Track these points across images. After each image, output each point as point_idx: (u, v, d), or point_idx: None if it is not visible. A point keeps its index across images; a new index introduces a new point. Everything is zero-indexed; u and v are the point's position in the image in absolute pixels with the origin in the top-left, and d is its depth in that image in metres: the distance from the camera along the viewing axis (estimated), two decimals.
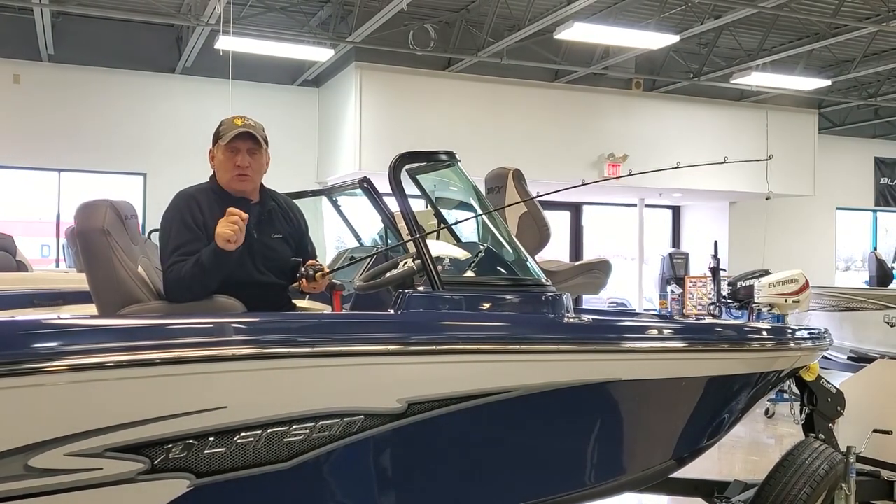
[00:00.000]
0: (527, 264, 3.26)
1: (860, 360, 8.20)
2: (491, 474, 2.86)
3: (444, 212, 4.09)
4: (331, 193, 4.65)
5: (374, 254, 3.99)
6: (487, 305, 2.92)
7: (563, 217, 15.83)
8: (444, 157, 3.37)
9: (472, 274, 3.21)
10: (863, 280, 17.00)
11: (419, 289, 2.88)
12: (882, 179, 17.83)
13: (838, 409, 3.98)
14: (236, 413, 2.35)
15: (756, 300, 8.77)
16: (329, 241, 5.13)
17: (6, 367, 2.13)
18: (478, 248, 3.39)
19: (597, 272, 4.82)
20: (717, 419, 3.53)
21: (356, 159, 11.71)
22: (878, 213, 18.22)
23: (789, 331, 3.85)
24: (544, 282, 3.14)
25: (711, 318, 9.31)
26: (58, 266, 11.37)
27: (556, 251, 14.03)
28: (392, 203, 3.30)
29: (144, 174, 12.45)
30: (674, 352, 3.20)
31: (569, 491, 3.04)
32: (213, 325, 2.43)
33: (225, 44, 10.03)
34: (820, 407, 3.97)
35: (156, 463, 2.26)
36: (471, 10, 11.48)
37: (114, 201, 2.99)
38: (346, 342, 2.53)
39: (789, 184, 14.63)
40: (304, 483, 2.50)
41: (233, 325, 2.44)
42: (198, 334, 2.37)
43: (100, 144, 12.14)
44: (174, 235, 2.97)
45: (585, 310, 4.80)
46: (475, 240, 3.73)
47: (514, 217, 4.67)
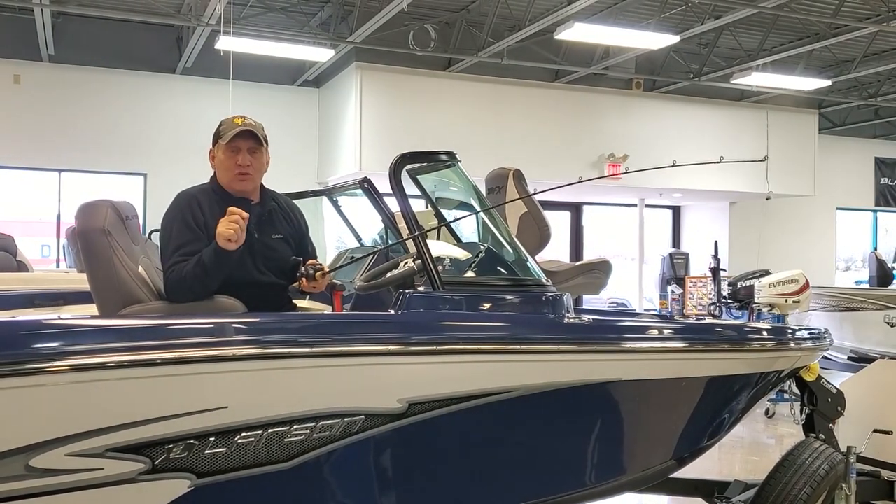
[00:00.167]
0: (527, 264, 3.26)
1: (860, 361, 8.20)
2: (491, 474, 2.86)
3: (444, 212, 4.09)
4: (331, 193, 4.65)
5: (374, 252, 4.00)
6: (488, 305, 2.93)
7: (563, 217, 15.83)
8: (444, 157, 3.37)
9: (473, 274, 3.21)
10: (862, 278, 17.03)
11: (420, 289, 2.88)
12: (882, 179, 17.83)
13: (838, 409, 3.98)
14: (237, 413, 2.35)
15: (756, 300, 8.77)
16: (329, 241, 5.13)
17: (7, 368, 2.14)
18: (478, 249, 3.40)
19: (597, 272, 4.82)
20: (718, 419, 3.53)
21: (356, 159, 11.71)
22: (879, 214, 18.22)
23: (789, 331, 3.85)
24: (545, 282, 3.15)
25: (712, 319, 9.31)
26: (58, 266, 11.37)
27: (556, 251, 14.03)
28: (392, 203, 3.30)
29: (145, 174, 12.45)
30: (674, 352, 3.20)
31: (569, 491, 3.04)
32: (213, 326, 2.43)
33: (225, 44, 10.03)
34: (820, 407, 3.97)
35: (157, 463, 2.27)
36: (471, 11, 11.48)
37: (114, 202, 3.00)
38: (347, 342, 2.53)
39: (789, 184, 14.63)
40: (304, 483, 2.50)
41: (233, 326, 2.44)
42: (198, 334, 2.37)
43: (100, 144, 12.13)
44: (175, 235, 2.97)
45: (585, 310, 4.80)
46: (475, 240, 3.74)
47: (515, 217, 4.67)
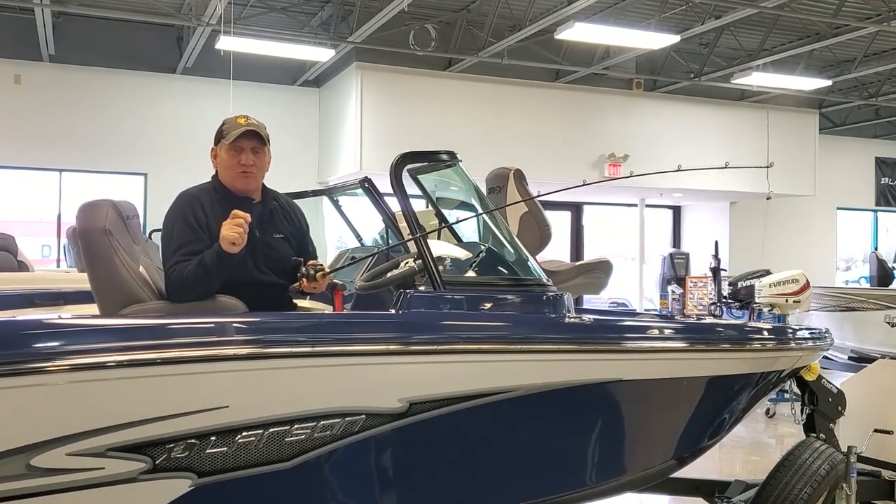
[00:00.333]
0: (528, 264, 3.26)
1: (861, 360, 8.19)
2: (492, 474, 2.86)
3: (445, 212, 4.09)
4: (332, 193, 4.66)
5: (375, 253, 4.00)
6: (488, 305, 2.93)
7: (563, 217, 15.83)
8: (445, 157, 3.37)
9: (474, 274, 3.21)
10: (861, 275, 17.06)
11: (420, 288, 2.88)
12: (883, 179, 17.83)
13: (839, 409, 3.98)
14: (238, 413, 2.35)
15: (757, 300, 8.77)
16: (330, 241, 5.13)
17: (8, 367, 2.14)
18: (479, 248, 3.40)
19: (598, 272, 4.82)
20: (718, 419, 3.53)
21: (357, 159, 11.71)
22: (879, 213, 18.22)
23: (790, 331, 3.85)
24: (545, 282, 3.15)
25: (712, 319, 9.31)
26: (58, 266, 11.37)
27: (556, 251, 14.03)
28: (393, 203, 3.30)
29: (145, 174, 12.45)
30: (675, 352, 3.20)
31: (570, 491, 3.04)
32: (214, 325, 2.43)
33: (226, 44, 10.03)
34: (821, 407, 3.96)
35: (157, 462, 2.27)
36: (471, 11, 11.48)
37: (115, 201, 3.00)
38: (348, 342, 2.53)
39: (790, 184, 14.63)
40: (305, 483, 2.50)
41: (234, 325, 2.44)
42: (199, 334, 2.37)
43: (100, 144, 12.13)
44: (176, 235, 2.98)
45: (586, 310, 4.80)
46: (476, 240, 3.74)
47: (515, 217, 4.67)
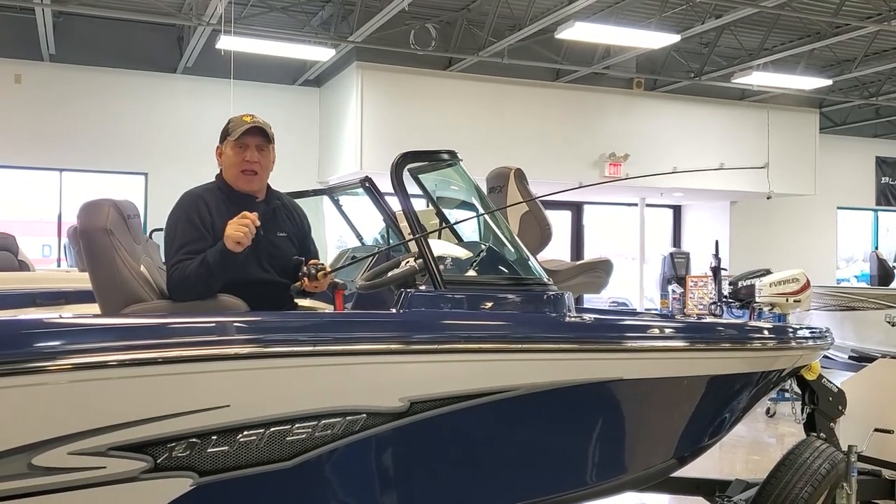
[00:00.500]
0: (528, 263, 3.26)
1: (861, 360, 8.19)
2: (493, 473, 2.87)
3: (445, 211, 4.09)
4: (333, 193, 4.66)
5: (376, 253, 4.00)
6: (489, 304, 2.93)
7: (564, 217, 15.84)
8: (445, 156, 3.37)
9: (474, 273, 3.21)
10: (859, 271, 17.06)
11: (421, 288, 2.89)
12: (883, 179, 17.83)
13: (839, 408, 3.98)
14: (239, 412, 2.35)
15: (757, 300, 8.78)
16: (331, 240, 5.13)
17: (9, 367, 2.14)
18: (479, 248, 3.40)
19: (598, 271, 4.81)
20: (719, 418, 3.53)
21: (357, 159, 11.71)
22: (880, 213, 18.22)
23: (790, 330, 3.85)
24: (546, 281, 3.15)
25: (712, 318, 9.31)
26: (59, 266, 11.37)
27: (557, 251, 14.03)
28: (394, 202, 3.31)
29: (146, 174, 12.46)
30: (675, 351, 3.20)
31: (570, 490, 3.04)
32: (215, 325, 2.44)
33: (226, 43, 10.04)
34: (821, 406, 3.96)
35: (159, 462, 2.27)
36: (472, 10, 11.48)
37: (116, 201, 3.00)
38: (349, 341, 2.53)
39: (790, 183, 14.63)
40: (306, 482, 2.50)
41: (235, 324, 2.45)
42: (200, 333, 2.37)
43: (101, 144, 12.14)
44: (180, 234, 2.98)
45: (586, 309, 4.80)
46: (477, 239, 3.74)
47: (516, 216, 4.67)
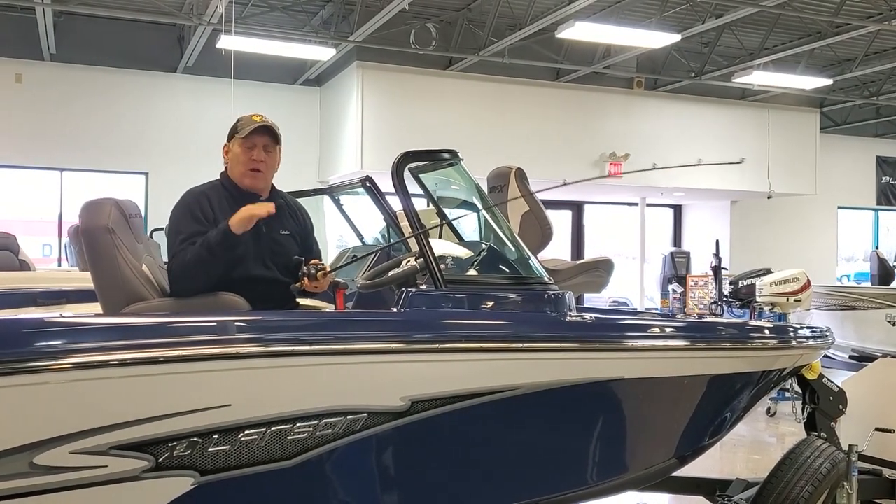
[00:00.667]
0: (529, 263, 3.27)
1: (862, 359, 8.19)
2: (493, 472, 2.87)
3: (446, 210, 4.09)
4: (333, 192, 4.66)
5: (377, 251, 4.00)
6: (490, 304, 2.93)
7: (564, 216, 15.83)
8: (446, 155, 3.37)
9: (475, 272, 3.21)
10: (858, 270, 17.06)
11: (422, 287, 2.89)
12: (884, 178, 17.82)
13: (840, 407, 3.98)
14: (240, 411, 2.35)
15: (758, 299, 8.78)
16: (331, 240, 5.14)
17: (11, 366, 2.14)
18: (480, 247, 3.40)
19: (599, 271, 4.81)
20: (719, 418, 3.53)
21: (357, 159, 11.71)
22: (880, 212, 18.21)
23: (791, 329, 3.85)
24: (547, 280, 3.15)
25: (713, 317, 9.31)
26: (59, 265, 11.37)
27: (557, 250, 14.02)
28: (395, 202, 3.31)
29: (146, 173, 12.45)
30: (676, 350, 3.20)
31: (571, 489, 3.05)
32: (216, 324, 2.44)
33: (227, 43, 10.04)
34: (822, 405, 3.97)
35: (160, 461, 2.27)
36: (472, 10, 11.48)
37: (118, 200, 3.01)
38: (350, 340, 2.53)
39: (791, 183, 14.63)
40: (307, 481, 2.50)
41: (236, 324, 2.45)
42: (202, 332, 2.37)
43: (102, 144, 12.14)
44: (182, 227, 3.01)
45: (587, 308, 4.80)
46: (478, 238, 3.74)
47: (517, 216, 4.66)
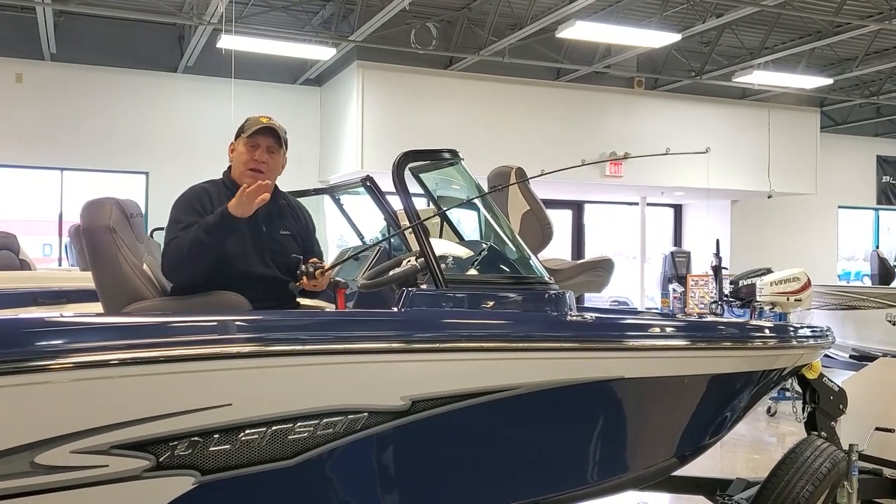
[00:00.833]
0: (530, 262, 3.27)
1: (862, 359, 8.19)
2: (494, 472, 2.87)
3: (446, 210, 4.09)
4: (334, 192, 4.66)
5: (373, 245, 4.00)
6: (490, 303, 2.93)
7: (565, 215, 15.83)
8: (447, 155, 3.37)
9: (475, 272, 3.21)
10: (858, 270, 17.08)
11: (422, 287, 2.89)
12: (884, 178, 17.81)
13: (840, 407, 3.98)
14: (241, 410, 2.35)
15: (758, 298, 8.77)
16: (332, 239, 5.14)
17: (12, 366, 2.14)
18: (481, 247, 3.40)
19: (599, 270, 4.82)
20: (720, 417, 3.53)
21: (358, 158, 11.72)
22: (881, 212, 18.21)
23: (791, 329, 3.85)
24: (547, 280, 3.15)
25: (713, 317, 9.31)
26: (60, 265, 11.38)
27: (558, 250, 14.02)
28: (395, 202, 3.31)
29: (147, 173, 12.46)
30: (676, 350, 3.20)
31: (572, 488, 3.05)
32: (217, 323, 2.44)
33: (227, 43, 10.04)
34: (822, 405, 3.96)
35: (161, 460, 2.27)
36: (473, 9, 11.48)
37: (119, 199, 3.01)
38: (350, 340, 2.53)
39: (791, 182, 14.63)
40: (308, 480, 2.50)
41: (237, 323, 2.45)
42: (203, 332, 2.37)
43: (102, 143, 12.14)
44: (181, 217, 3.02)
45: (587, 308, 4.81)
46: (478, 238, 3.74)
47: (517, 215, 4.67)
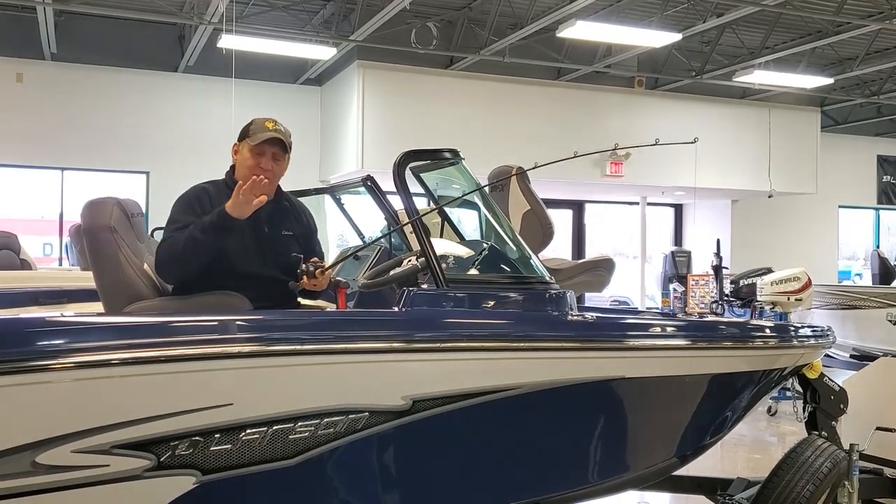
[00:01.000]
0: (530, 262, 3.27)
1: (863, 359, 8.18)
2: (495, 471, 2.87)
3: (447, 209, 4.09)
4: (334, 192, 4.66)
5: (371, 244, 4.00)
6: (491, 303, 2.93)
7: (565, 215, 15.83)
8: (447, 155, 3.37)
9: (476, 271, 3.22)
10: (860, 271, 17.08)
11: (423, 286, 2.89)
12: (885, 177, 17.80)
13: (841, 406, 3.98)
14: (242, 410, 2.36)
15: (758, 298, 8.77)
16: (332, 239, 5.14)
17: (12, 365, 2.14)
18: (481, 246, 3.40)
19: (600, 270, 4.82)
20: (720, 417, 3.54)
21: (358, 158, 11.71)
22: (881, 212, 18.20)
23: (792, 329, 3.85)
24: (548, 279, 3.15)
25: (714, 317, 9.31)
26: (60, 265, 11.38)
27: (558, 249, 14.03)
28: (396, 201, 3.31)
29: (147, 173, 12.45)
30: (677, 349, 3.20)
31: (572, 488, 3.05)
32: (218, 323, 2.44)
33: (227, 42, 10.04)
34: (823, 405, 3.96)
35: (162, 460, 2.27)
36: (473, 9, 11.47)
37: (120, 199, 3.01)
38: (351, 339, 2.53)
39: (792, 182, 14.63)
40: (309, 479, 2.50)
41: (238, 323, 2.45)
42: (203, 331, 2.38)
43: (103, 143, 12.13)
44: (178, 217, 3.02)
45: (588, 308, 4.81)
46: (479, 238, 3.74)
47: (518, 215, 4.67)
